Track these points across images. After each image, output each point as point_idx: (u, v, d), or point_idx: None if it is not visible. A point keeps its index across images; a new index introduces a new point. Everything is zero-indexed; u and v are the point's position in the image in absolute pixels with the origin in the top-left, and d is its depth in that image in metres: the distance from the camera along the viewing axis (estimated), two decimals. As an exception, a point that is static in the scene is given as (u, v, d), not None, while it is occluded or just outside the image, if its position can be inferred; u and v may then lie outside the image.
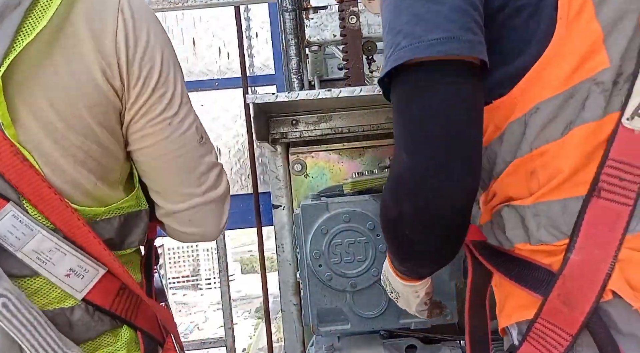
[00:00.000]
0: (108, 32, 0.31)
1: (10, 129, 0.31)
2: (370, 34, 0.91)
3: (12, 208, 0.32)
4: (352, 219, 0.58)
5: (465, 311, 0.38)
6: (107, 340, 0.37)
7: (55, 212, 0.33)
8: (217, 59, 1.60)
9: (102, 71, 0.32)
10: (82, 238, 0.34)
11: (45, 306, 0.34)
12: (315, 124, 0.77)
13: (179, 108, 0.36)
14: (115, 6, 0.31)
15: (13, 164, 0.31)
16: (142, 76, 0.32)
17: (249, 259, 23.81)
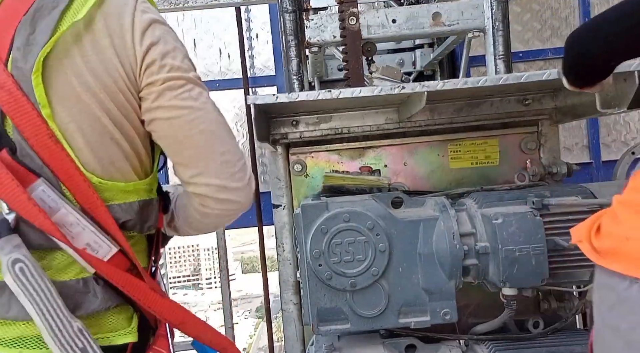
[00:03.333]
0: (127, 30, 0.38)
1: (46, 108, 0.36)
2: (370, 35, 0.92)
3: (42, 183, 0.36)
4: (352, 219, 0.59)
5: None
6: (112, 315, 0.40)
7: (80, 191, 0.37)
8: (217, 60, 1.61)
9: (126, 55, 0.38)
10: (100, 217, 0.38)
11: (59, 276, 0.38)
12: (316, 125, 0.78)
13: (193, 89, 0.40)
14: (132, 10, 0.39)
15: (47, 145, 0.36)
16: (152, 63, 0.38)
17: (249, 259, 23.73)
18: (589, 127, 1.51)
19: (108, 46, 0.38)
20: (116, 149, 0.40)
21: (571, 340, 0.62)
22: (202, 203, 0.43)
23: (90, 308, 0.38)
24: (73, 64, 0.37)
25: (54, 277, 0.38)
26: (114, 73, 0.38)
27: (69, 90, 0.37)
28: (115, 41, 0.38)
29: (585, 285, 0.63)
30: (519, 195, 0.62)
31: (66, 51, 0.37)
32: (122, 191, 0.40)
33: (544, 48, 1.51)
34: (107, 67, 0.38)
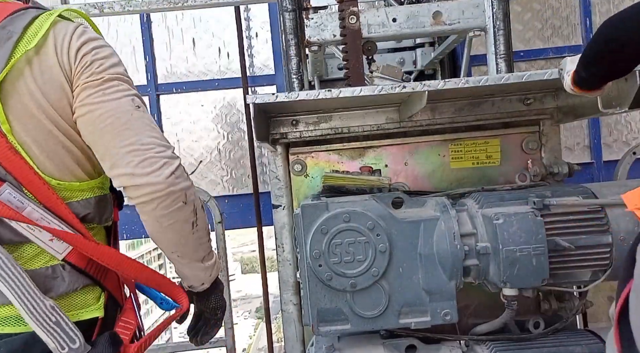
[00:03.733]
0: (66, 49, 0.46)
1: (5, 124, 0.44)
2: (370, 34, 0.91)
3: (7, 187, 0.43)
4: (352, 219, 0.58)
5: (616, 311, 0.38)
6: (80, 295, 0.47)
7: (40, 193, 0.45)
8: (217, 59, 1.60)
9: (64, 74, 0.46)
10: (61, 213, 0.46)
11: (30, 265, 0.45)
12: (315, 124, 0.77)
13: (110, 87, 0.47)
14: (72, 33, 0.47)
15: (7, 156, 0.44)
16: (81, 70, 0.46)
17: (249, 259, 23.84)
18: (590, 127, 1.51)
19: (55, 65, 0.46)
20: (68, 155, 0.47)
21: (572, 341, 0.62)
22: (128, 195, 0.47)
23: (59, 291, 0.45)
24: (26, 85, 0.45)
25: (25, 266, 0.44)
26: (59, 90, 0.46)
27: (23, 108, 0.44)
28: (60, 60, 0.46)
29: (586, 286, 0.63)
30: (520, 195, 0.62)
31: (20, 74, 0.44)
32: (77, 189, 0.48)
33: (545, 47, 1.51)
34: (54, 85, 0.46)
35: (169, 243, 0.48)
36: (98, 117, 0.45)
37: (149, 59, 1.60)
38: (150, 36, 1.61)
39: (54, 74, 0.45)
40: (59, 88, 0.45)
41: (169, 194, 0.44)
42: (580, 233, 0.59)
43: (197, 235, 0.49)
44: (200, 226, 0.49)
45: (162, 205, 0.45)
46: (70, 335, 0.43)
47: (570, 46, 1.50)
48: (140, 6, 1.25)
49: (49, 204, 0.45)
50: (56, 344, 0.42)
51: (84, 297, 0.47)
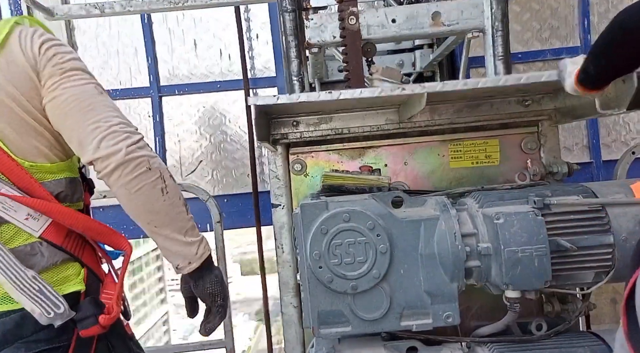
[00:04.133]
0: (30, 46, 0.51)
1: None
2: (370, 35, 0.92)
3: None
4: (352, 219, 0.58)
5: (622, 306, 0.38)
6: (61, 271, 0.50)
7: (15, 174, 0.48)
8: (218, 61, 1.61)
9: (30, 66, 0.51)
10: (36, 192, 0.49)
11: (9, 244, 0.48)
12: (316, 125, 0.77)
13: (74, 75, 0.51)
14: (32, 34, 0.52)
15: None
16: (46, 62, 0.51)
17: (248, 260, 23.75)
18: (588, 127, 1.52)
19: (20, 59, 0.50)
20: (40, 139, 0.51)
21: (574, 343, 0.61)
22: (95, 170, 0.50)
23: (40, 266, 0.48)
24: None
25: (10, 244, 0.48)
26: (28, 80, 0.50)
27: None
28: (25, 54, 0.50)
29: (589, 287, 0.62)
30: (520, 194, 0.62)
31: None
32: (49, 171, 0.51)
33: (543, 49, 1.52)
34: (22, 77, 0.50)
35: (142, 211, 0.50)
36: (64, 101, 0.49)
37: (151, 60, 1.60)
38: (151, 37, 1.61)
39: (21, 67, 0.49)
40: (27, 79, 0.50)
41: (131, 159, 0.48)
42: (581, 233, 0.59)
43: (170, 202, 0.50)
44: (172, 193, 0.51)
45: (126, 171, 0.47)
46: (54, 300, 0.46)
47: (568, 47, 1.51)
48: (141, 6, 1.26)
49: (23, 184, 0.48)
50: (42, 310, 0.45)
51: (65, 273, 0.50)
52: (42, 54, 0.50)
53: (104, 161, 0.47)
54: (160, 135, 1.60)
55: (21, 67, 0.49)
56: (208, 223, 1.31)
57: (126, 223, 1.49)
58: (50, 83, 0.50)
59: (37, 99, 0.50)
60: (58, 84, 0.49)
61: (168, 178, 0.51)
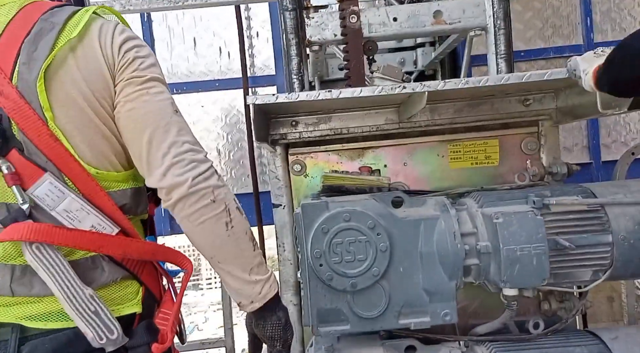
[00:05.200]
0: (109, 43, 0.48)
1: (49, 112, 0.44)
2: (371, 33, 0.91)
3: (48, 176, 0.44)
4: (352, 218, 0.58)
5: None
6: (119, 289, 0.48)
7: (81, 180, 0.46)
8: (217, 60, 1.60)
9: (107, 66, 0.47)
10: (100, 202, 0.47)
11: (70, 257, 0.46)
12: (315, 125, 0.77)
13: (154, 87, 0.49)
14: (113, 29, 0.49)
15: (49, 143, 0.44)
16: (125, 65, 0.48)
17: (249, 258, 23.54)
18: (589, 128, 1.51)
19: (98, 55, 0.47)
20: (107, 144, 0.48)
21: (571, 341, 0.62)
22: (160, 197, 0.47)
23: (100, 281, 0.46)
24: (69, 73, 0.46)
25: (67, 258, 0.45)
26: (102, 80, 0.47)
27: (65, 95, 0.45)
28: (103, 51, 0.47)
29: (586, 286, 0.63)
30: (520, 195, 0.62)
31: (63, 62, 0.45)
32: (114, 180, 0.48)
33: (546, 47, 1.51)
34: (97, 75, 0.47)
35: (205, 245, 0.47)
36: (142, 115, 0.46)
37: (149, 58, 1.59)
38: (151, 35, 1.61)
39: (98, 64, 0.46)
40: (102, 78, 0.46)
41: (195, 192, 0.45)
42: (580, 232, 0.59)
43: (235, 238, 0.47)
44: (238, 228, 0.48)
45: (189, 203, 0.45)
46: (109, 325, 0.43)
47: (571, 45, 1.50)
48: (141, 5, 1.25)
49: (89, 192, 0.45)
50: (94, 334, 0.43)
51: (123, 291, 0.47)
52: (122, 55, 0.47)
53: (169, 192, 0.45)
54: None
55: (98, 64, 0.45)
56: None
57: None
58: (128, 91, 0.46)
59: (108, 102, 0.46)
60: (137, 95, 0.46)
61: (234, 211, 0.47)
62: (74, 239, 0.44)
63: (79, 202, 0.45)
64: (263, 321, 0.52)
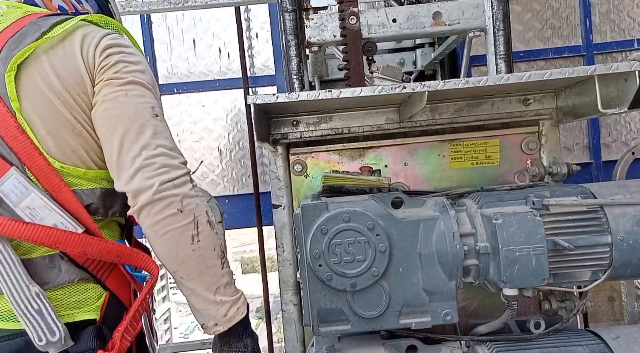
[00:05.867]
0: (93, 46, 0.48)
1: (15, 102, 0.44)
2: (370, 34, 0.91)
3: (14, 171, 0.43)
4: (352, 219, 0.58)
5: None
6: (77, 291, 0.45)
7: (44, 175, 0.43)
8: (217, 60, 1.61)
9: (86, 65, 0.47)
10: (64, 199, 0.44)
11: (29, 255, 0.44)
12: (316, 125, 0.78)
13: (133, 90, 0.47)
14: (101, 36, 0.49)
15: (14, 135, 0.43)
16: (106, 67, 0.47)
17: (249, 259, 23.81)
18: (589, 127, 1.52)
19: (77, 56, 0.47)
20: (77, 139, 0.46)
21: (572, 341, 0.62)
22: (128, 203, 0.45)
23: (56, 282, 0.43)
24: (40, 68, 0.45)
25: (26, 256, 0.43)
26: (78, 78, 0.46)
27: (34, 88, 0.45)
28: (83, 53, 0.47)
29: (586, 285, 0.63)
30: (519, 195, 0.62)
31: (37, 58, 0.45)
32: (83, 177, 0.46)
33: (545, 48, 1.51)
34: (72, 73, 0.46)
35: (167, 258, 0.44)
36: (115, 116, 0.45)
37: (149, 59, 1.61)
38: (150, 36, 1.61)
39: (74, 62, 0.46)
40: (78, 76, 0.46)
41: (161, 198, 0.43)
42: (579, 233, 0.59)
43: (200, 253, 0.44)
44: (205, 243, 0.45)
45: (154, 210, 0.43)
46: (51, 326, 0.40)
47: (570, 46, 1.51)
48: (141, 6, 1.25)
49: (53, 189, 0.43)
50: (34, 335, 0.40)
51: (82, 295, 0.44)
52: (104, 57, 0.46)
53: (134, 196, 0.42)
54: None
55: (75, 62, 0.45)
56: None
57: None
58: (107, 91, 0.45)
59: (84, 100, 0.45)
60: (114, 96, 0.45)
61: (203, 224, 0.44)
62: (29, 231, 0.41)
63: (42, 199, 0.42)
64: (227, 347, 0.48)
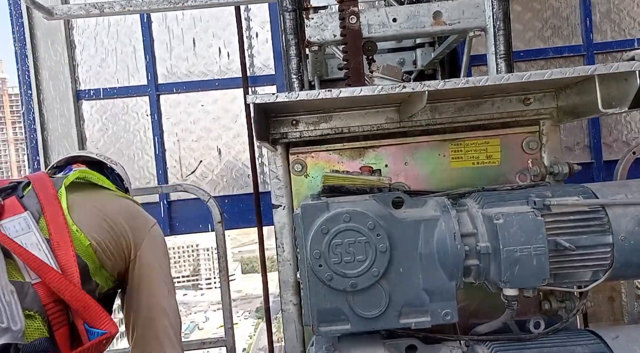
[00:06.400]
0: (141, 226, 0.60)
1: (64, 196, 0.56)
2: (371, 34, 0.91)
3: (26, 215, 0.51)
4: (352, 219, 0.58)
5: None
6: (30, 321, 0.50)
7: (56, 225, 0.52)
8: (217, 59, 1.61)
9: (129, 227, 0.60)
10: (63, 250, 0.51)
11: (10, 275, 0.50)
12: (316, 124, 0.77)
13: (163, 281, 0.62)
14: (152, 224, 0.64)
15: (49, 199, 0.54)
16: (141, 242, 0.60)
17: (249, 259, 23.73)
18: (590, 127, 1.51)
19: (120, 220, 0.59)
20: (109, 237, 0.57)
21: (572, 341, 0.62)
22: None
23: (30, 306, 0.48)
24: (95, 195, 0.60)
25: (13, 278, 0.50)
26: (120, 227, 0.58)
27: (84, 198, 0.58)
28: (130, 223, 0.59)
29: (586, 286, 0.63)
30: (521, 195, 0.62)
31: (87, 193, 0.59)
32: (88, 255, 0.54)
33: (545, 47, 1.51)
34: (115, 220, 0.58)
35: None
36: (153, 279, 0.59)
37: (149, 59, 1.60)
38: (150, 36, 1.61)
39: (121, 220, 0.59)
40: (120, 227, 0.59)
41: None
42: (580, 233, 0.59)
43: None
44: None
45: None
46: (15, 316, 0.45)
47: (571, 45, 1.51)
48: (141, 6, 1.25)
49: (57, 239, 0.51)
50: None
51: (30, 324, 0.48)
52: (142, 236, 0.59)
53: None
54: (158, 134, 1.60)
55: (118, 219, 0.58)
56: (209, 224, 1.31)
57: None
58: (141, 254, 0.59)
59: (123, 239, 0.58)
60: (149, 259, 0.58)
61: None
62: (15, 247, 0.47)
63: (38, 240, 0.49)
64: None
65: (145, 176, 1.60)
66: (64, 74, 1.59)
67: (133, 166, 1.60)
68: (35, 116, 1.58)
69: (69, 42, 1.59)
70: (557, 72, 0.62)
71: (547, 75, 0.63)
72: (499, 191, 0.68)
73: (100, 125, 1.62)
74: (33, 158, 1.58)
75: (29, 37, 1.56)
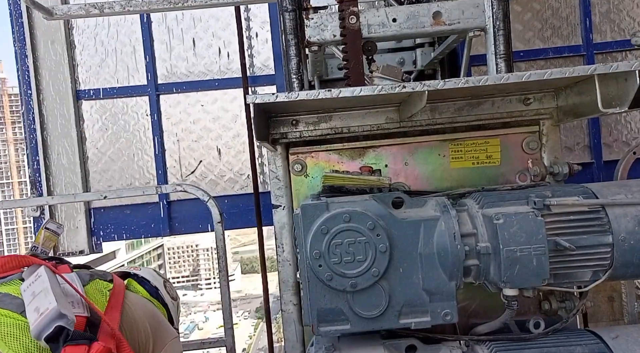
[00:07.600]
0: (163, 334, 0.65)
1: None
2: (370, 34, 0.91)
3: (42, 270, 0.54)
4: (352, 219, 0.58)
5: None
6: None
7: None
8: (217, 59, 1.60)
9: (149, 333, 0.63)
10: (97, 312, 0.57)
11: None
12: (315, 124, 0.77)
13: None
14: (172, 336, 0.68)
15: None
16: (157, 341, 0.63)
17: (249, 259, 23.72)
18: (590, 127, 1.51)
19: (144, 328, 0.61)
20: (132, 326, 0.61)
21: (572, 341, 0.62)
22: None
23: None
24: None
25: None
26: (142, 326, 0.61)
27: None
28: (149, 329, 0.61)
29: (586, 286, 0.63)
30: (521, 195, 0.62)
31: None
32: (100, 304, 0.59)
33: (545, 47, 1.51)
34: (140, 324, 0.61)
35: None
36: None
37: (149, 59, 1.60)
38: (150, 36, 1.61)
39: (142, 326, 0.61)
40: (143, 327, 0.61)
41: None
42: (580, 233, 0.59)
43: None
44: None
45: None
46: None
47: (570, 46, 1.51)
48: (141, 6, 1.25)
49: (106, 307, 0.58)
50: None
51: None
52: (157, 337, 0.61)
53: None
54: (158, 134, 1.60)
55: (143, 327, 0.60)
56: (209, 224, 1.31)
57: (127, 224, 1.51)
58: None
59: (144, 335, 0.61)
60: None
61: None
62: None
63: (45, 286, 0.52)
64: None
65: (145, 176, 1.60)
66: (63, 74, 1.59)
67: (133, 166, 1.60)
68: (35, 116, 1.58)
69: (68, 42, 1.59)
70: (557, 72, 0.62)
71: (547, 75, 0.63)
72: (499, 191, 0.69)
73: (100, 125, 1.62)
74: (33, 158, 1.58)
75: (28, 37, 1.56)
